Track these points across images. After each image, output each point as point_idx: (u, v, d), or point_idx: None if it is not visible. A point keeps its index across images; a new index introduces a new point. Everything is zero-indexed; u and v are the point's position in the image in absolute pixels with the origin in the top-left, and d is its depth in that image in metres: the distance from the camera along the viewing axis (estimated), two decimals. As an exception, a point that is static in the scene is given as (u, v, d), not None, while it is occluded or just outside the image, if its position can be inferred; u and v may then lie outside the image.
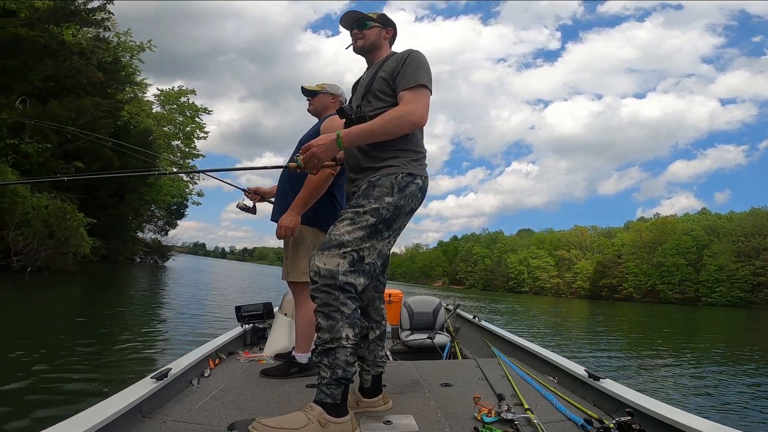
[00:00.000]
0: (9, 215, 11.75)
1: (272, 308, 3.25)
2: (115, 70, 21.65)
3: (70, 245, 13.45)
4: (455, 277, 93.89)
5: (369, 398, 1.73)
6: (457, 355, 3.42)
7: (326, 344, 1.40)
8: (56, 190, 14.37)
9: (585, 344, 9.40)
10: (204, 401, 1.73)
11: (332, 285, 1.40)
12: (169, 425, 1.48)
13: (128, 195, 22.11)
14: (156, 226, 32.21)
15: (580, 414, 1.65)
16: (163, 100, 28.94)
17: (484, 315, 9.53)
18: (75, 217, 13.92)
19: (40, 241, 12.41)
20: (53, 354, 4.13)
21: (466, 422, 1.59)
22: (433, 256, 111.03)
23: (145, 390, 1.54)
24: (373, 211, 1.49)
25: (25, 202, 12.28)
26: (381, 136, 1.54)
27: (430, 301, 4.19)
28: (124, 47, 24.76)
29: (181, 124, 29.16)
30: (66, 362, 3.90)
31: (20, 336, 4.92)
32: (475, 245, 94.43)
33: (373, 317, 1.74)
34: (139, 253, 27.83)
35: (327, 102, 2.45)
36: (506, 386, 2.04)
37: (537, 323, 14.85)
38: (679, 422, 1.38)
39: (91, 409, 1.32)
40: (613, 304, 47.27)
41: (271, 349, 2.61)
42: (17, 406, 2.74)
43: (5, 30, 12.06)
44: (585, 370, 2.01)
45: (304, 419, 1.36)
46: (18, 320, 6.13)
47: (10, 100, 13.80)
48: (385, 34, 1.79)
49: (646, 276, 60.56)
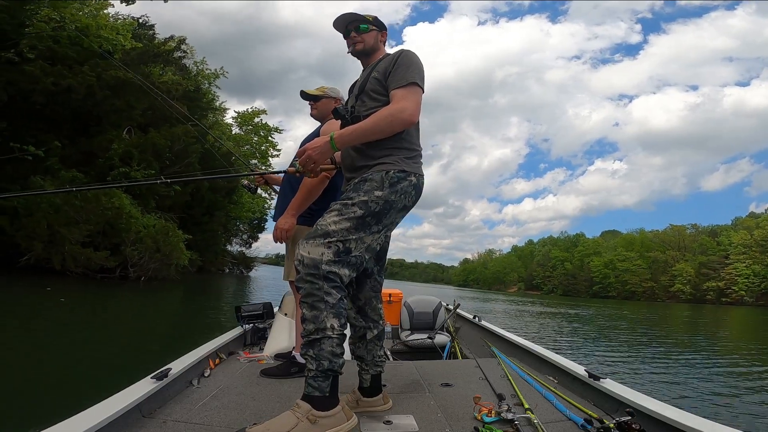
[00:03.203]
0: (126, 233, 13.71)
1: (272, 308, 3.23)
2: (197, 98, 24.22)
3: (172, 258, 15.27)
4: (531, 282, 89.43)
5: (369, 398, 1.70)
6: (457, 355, 3.37)
7: (311, 335, 1.37)
8: (160, 210, 16.46)
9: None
10: (204, 401, 1.72)
11: (315, 274, 1.38)
12: (169, 425, 1.47)
13: (217, 212, 24.45)
14: (241, 239, 35.11)
15: (580, 414, 1.63)
16: (240, 122, 31.38)
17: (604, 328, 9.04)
18: (176, 233, 15.77)
19: (149, 254, 14.31)
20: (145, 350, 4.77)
21: (466, 422, 1.58)
22: (507, 262, 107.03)
23: (145, 390, 1.54)
24: (361, 203, 1.47)
25: (137, 222, 14.21)
26: (373, 135, 1.53)
27: (430, 301, 4.14)
28: (203, 75, 27.45)
29: (256, 143, 31.52)
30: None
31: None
32: (552, 249, 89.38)
33: (370, 317, 1.72)
34: (227, 264, 30.53)
35: (330, 106, 2.42)
36: (506, 386, 2.03)
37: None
38: (679, 422, 1.36)
39: (91, 409, 1.32)
40: (719, 308, 41.70)
41: (271, 349, 2.59)
42: (29, 403, 2.89)
43: (107, 72, 14.17)
44: (585, 369, 1.97)
45: (293, 419, 1.33)
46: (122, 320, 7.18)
47: (119, 133, 16.14)
48: (381, 37, 1.80)
49: (760, 277, 52.72)
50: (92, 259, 12.86)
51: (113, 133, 15.79)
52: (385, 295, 4.18)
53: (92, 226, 12.95)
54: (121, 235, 13.65)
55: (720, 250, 60.37)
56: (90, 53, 14.73)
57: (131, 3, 15.43)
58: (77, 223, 12.66)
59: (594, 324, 15.59)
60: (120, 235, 13.63)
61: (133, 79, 15.31)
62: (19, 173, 12.26)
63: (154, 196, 16.29)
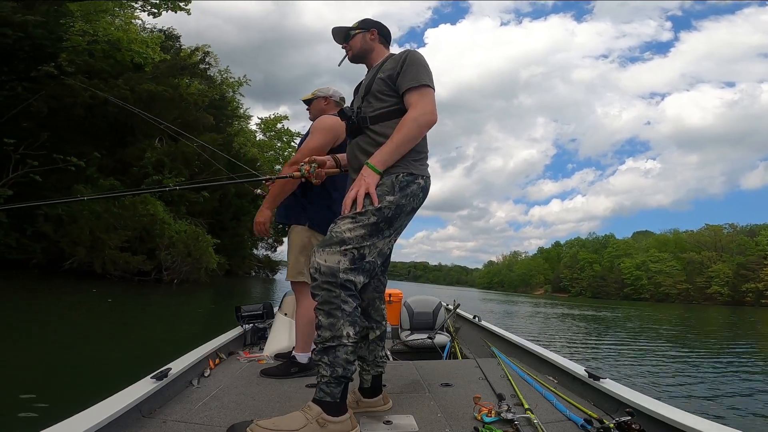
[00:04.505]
0: (160, 239, 14.41)
1: (272, 308, 3.22)
2: (223, 106, 25.03)
3: (202, 261, 15.89)
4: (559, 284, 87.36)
5: (369, 398, 1.70)
6: (457, 355, 3.35)
7: (327, 342, 1.37)
8: (191, 216, 17.15)
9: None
10: (204, 401, 1.72)
11: (333, 282, 1.38)
12: (169, 425, 1.47)
13: (243, 217, 25.15)
14: (266, 243, 35.88)
15: (580, 414, 1.63)
16: (264, 128, 32.02)
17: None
18: (205, 238, 16.39)
19: (181, 258, 14.98)
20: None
21: (466, 422, 1.58)
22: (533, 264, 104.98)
23: (145, 390, 1.53)
24: (374, 209, 1.46)
25: (170, 228, 14.89)
26: (408, 144, 1.53)
27: (430, 301, 4.09)
28: (227, 84, 28.27)
29: (279, 149, 32.15)
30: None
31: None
32: (580, 251, 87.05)
33: (373, 317, 1.72)
34: (254, 268, 31.31)
35: (321, 106, 2.50)
36: (506, 386, 2.01)
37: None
38: (679, 422, 1.36)
39: (91, 409, 1.31)
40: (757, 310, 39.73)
41: (271, 349, 2.58)
42: (30, 403, 2.88)
43: (140, 86, 14.96)
44: (585, 369, 1.96)
45: (303, 419, 1.34)
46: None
47: (152, 143, 16.93)
48: (370, 36, 1.77)
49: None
50: (130, 263, 13.61)
51: (146, 143, 16.59)
52: (385, 295, 4.13)
53: (130, 232, 13.74)
54: (156, 241, 14.37)
55: (759, 250, 57.44)
56: (123, 66, 15.58)
57: (158, 15, 16.18)
58: (116, 229, 13.44)
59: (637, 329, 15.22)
60: (155, 241, 14.35)
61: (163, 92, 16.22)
62: (63, 183, 13.07)
63: (184, 202, 17.02)
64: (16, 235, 12.41)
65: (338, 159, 1.98)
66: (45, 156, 12.45)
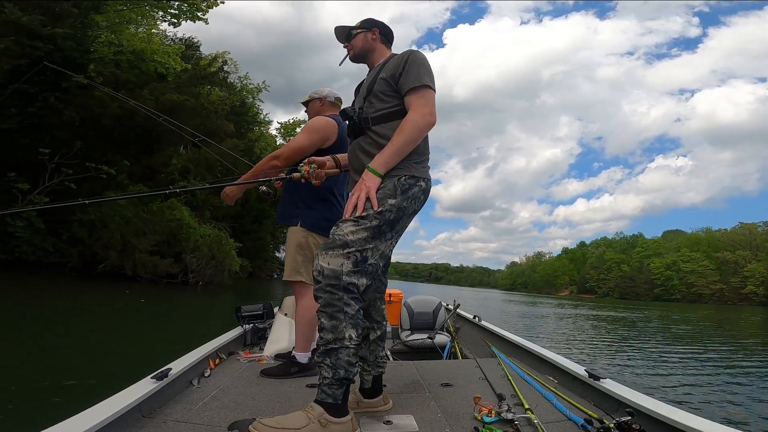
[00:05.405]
0: (186, 242, 14.92)
1: (272, 308, 3.23)
2: (243, 112, 25.61)
3: (225, 264, 16.33)
4: (585, 285, 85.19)
5: (369, 398, 1.70)
6: (458, 355, 3.35)
7: (329, 344, 1.38)
8: (214, 220, 17.68)
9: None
10: (204, 401, 1.73)
11: (336, 285, 1.39)
12: (169, 425, 1.48)
13: (265, 221, 25.69)
14: (286, 247, 36.44)
15: (580, 414, 1.63)
16: (283, 132, 32.43)
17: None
18: (228, 242, 16.83)
19: (206, 261, 15.45)
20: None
21: (466, 422, 1.58)
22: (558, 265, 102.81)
23: (145, 390, 1.53)
24: (376, 213, 1.47)
25: (195, 232, 15.39)
26: (408, 146, 1.54)
27: (430, 301, 4.09)
28: (246, 90, 28.86)
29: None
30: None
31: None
32: (607, 251, 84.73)
33: (374, 317, 1.72)
34: (276, 270, 31.86)
35: (316, 107, 2.54)
36: (506, 386, 2.01)
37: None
38: (679, 422, 1.36)
39: (91, 409, 1.32)
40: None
41: (271, 349, 2.59)
42: (29, 404, 2.89)
43: (164, 96, 15.54)
44: (585, 369, 1.96)
45: (305, 419, 1.35)
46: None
47: (177, 150, 17.52)
48: (372, 35, 1.78)
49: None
50: (159, 266, 14.13)
51: (172, 150, 17.20)
52: (386, 295, 4.12)
53: (158, 236, 14.28)
54: (182, 244, 14.86)
55: (798, 248, 54.67)
56: (148, 77, 16.20)
57: (178, 25, 16.77)
58: (145, 234, 14.01)
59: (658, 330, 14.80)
60: (181, 244, 14.85)
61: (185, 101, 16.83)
62: (95, 190, 13.72)
63: (208, 207, 17.57)
64: (53, 240, 13.07)
65: (338, 159, 2.00)
66: (78, 164, 13.08)
